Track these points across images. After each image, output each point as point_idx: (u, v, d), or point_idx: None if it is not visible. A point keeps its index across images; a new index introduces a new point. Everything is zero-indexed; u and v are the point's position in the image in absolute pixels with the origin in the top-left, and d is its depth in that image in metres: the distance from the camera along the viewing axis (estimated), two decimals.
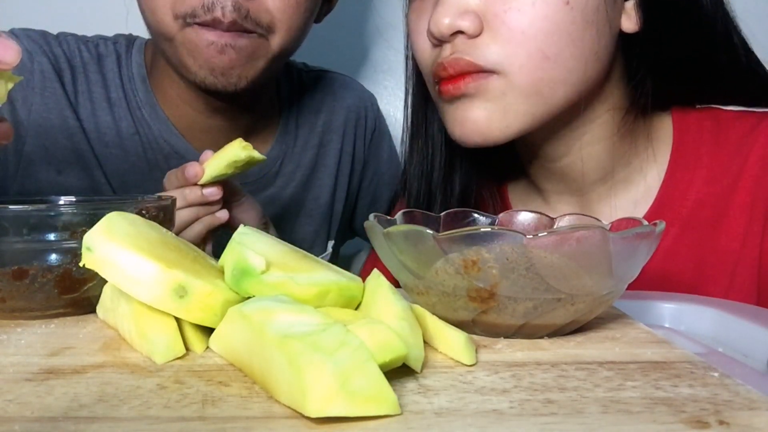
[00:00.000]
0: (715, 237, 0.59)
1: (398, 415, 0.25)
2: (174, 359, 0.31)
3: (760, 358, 0.39)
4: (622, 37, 0.57)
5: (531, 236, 0.32)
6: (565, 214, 0.44)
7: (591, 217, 0.43)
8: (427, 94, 0.66)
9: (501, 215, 0.46)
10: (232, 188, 0.66)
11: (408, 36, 0.66)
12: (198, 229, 0.63)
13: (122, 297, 0.34)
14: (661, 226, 0.35)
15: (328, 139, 0.88)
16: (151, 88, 0.77)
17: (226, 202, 0.65)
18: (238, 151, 0.59)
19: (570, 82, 0.54)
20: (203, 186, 0.61)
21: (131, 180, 0.76)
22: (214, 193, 0.62)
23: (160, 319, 0.32)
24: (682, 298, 0.48)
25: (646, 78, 0.59)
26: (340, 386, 0.25)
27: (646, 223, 0.35)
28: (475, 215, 0.46)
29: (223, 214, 0.64)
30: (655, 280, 0.60)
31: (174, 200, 0.45)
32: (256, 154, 0.59)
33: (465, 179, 0.68)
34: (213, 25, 0.63)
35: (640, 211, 0.62)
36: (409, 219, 0.44)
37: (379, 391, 0.25)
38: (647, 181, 0.63)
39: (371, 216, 0.41)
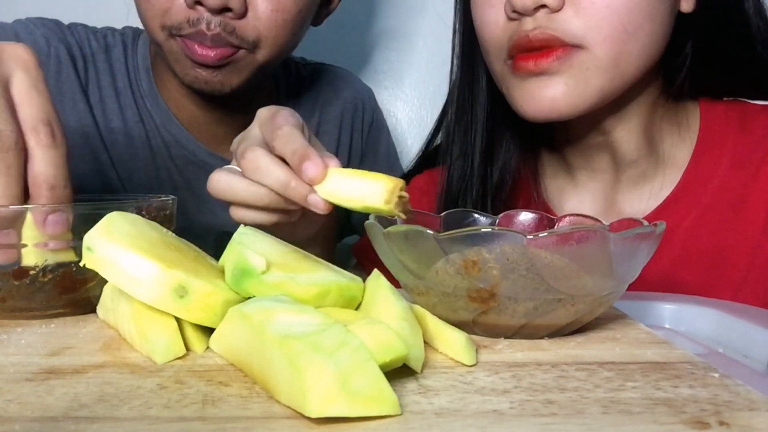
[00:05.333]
0: (735, 221, 0.61)
1: (398, 415, 0.25)
2: (174, 359, 0.31)
3: (761, 358, 0.39)
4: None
5: (531, 236, 0.32)
6: (565, 215, 0.44)
7: (591, 217, 0.43)
8: (474, 73, 0.66)
9: (501, 215, 0.46)
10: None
11: (461, 9, 0.66)
12: (262, 219, 0.46)
13: (122, 297, 0.34)
14: (662, 226, 0.35)
15: (324, 130, 0.89)
16: (154, 79, 0.78)
17: None
18: (379, 202, 0.40)
19: (642, 57, 0.56)
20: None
21: (135, 166, 0.78)
22: (321, 208, 0.42)
23: (161, 319, 0.32)
24: (682, 298, 0.48)
25: (686, 61, 0.61)
26: (340, 386, 0.24)
27: (646, 223, 0.35)
28: (476, 215, 0.46)
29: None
30: (675, 262, 0.61)
31: (174, 200, 0.45)
32: (398, 213, 0.40)
33: (505, 155, 0.68)
34: (198, 37, 0.64)
35: (663, 194, 0.64)
36: (409, 219, 0.44)
37: (380, 392, 0.25)
38: (673, 164, 0.64)
39: (371, 216, 0.41)
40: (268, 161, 0.43)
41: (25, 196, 0.39)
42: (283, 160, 0.43)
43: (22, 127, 0.39)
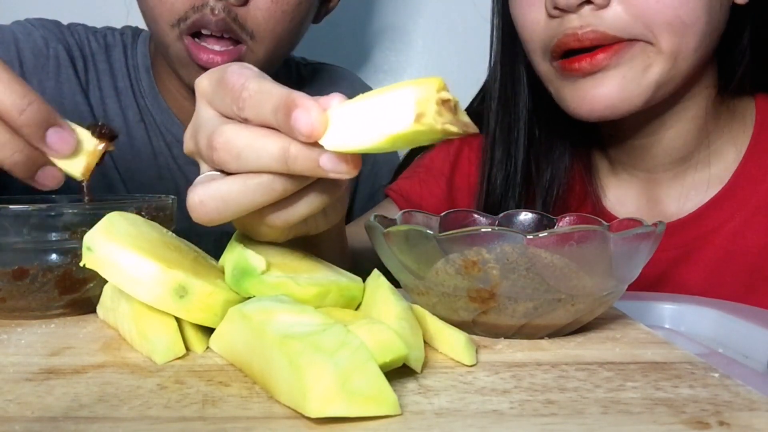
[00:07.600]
0: None
1: (398, 415, 0.25)
2: (174, 359, 0.31)
3: (761, 358, 0.39)
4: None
5: (531, 236, 0.32)
6: (565, 215, 0.44)
7: (592, 218, 0.43)
8: (515, 72, 0.65)
9: (501, 215, 0.46)
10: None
11: (499, 7, 0.65)
12: (306, 208, 0.33)
13: (122, 297, 0.34)
14: (662, 227, 0.35)
15: None
16: (154, 79, 0.79)
17: None
18: (409, 121, 0.27)
19: (699, 50, 0.54)
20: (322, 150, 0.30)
21: (137, 166, 0.78)
22: (342, 170, 0.31)
23: (161, 319, 0.32)
24: (682, 299, 0.48)
25: (744, 56, 0.59)
26: (340, 386, 0.24)
27: (646, 223, 0.35)
28: (476, 215, 0.46)
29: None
30: (717, 263, 0.60)
31: (174, 200, 0.45)
32: (450, 128, 0.27)
33: (554, 154, 0.67)
34: (202, 23, 0.65)
35: (710, 193, 0.62)
36: (409, 219, 0.44)
37: (380, 392, 0.25)
38: (723, 164, 0.62)
39: (372, 216, 0.41)
40: (248, 136, 0.30)
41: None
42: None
43: None
